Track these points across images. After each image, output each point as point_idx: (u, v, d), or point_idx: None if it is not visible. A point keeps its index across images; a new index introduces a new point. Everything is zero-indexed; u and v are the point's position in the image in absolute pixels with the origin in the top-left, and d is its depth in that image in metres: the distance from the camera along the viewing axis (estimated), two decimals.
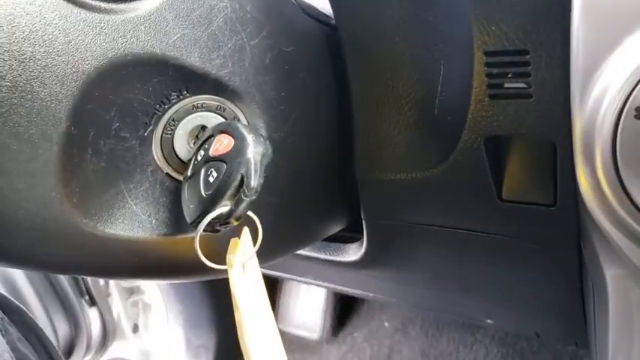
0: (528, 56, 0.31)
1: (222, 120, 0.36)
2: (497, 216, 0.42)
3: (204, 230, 0.31)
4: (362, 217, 0.50)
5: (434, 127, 0.39)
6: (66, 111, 0.29)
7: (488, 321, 0.69)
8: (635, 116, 0.26)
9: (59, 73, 0.28)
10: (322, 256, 0.58)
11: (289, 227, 0.43)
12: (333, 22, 0.42)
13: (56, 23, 0.28)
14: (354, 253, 0.55)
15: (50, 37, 0.27)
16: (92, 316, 1.07)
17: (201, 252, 0.32)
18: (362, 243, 0.53)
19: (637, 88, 0.26)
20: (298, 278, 0.76)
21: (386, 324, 1.20)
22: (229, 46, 0.34)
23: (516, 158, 0.39)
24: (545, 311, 0.55)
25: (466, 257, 0.50)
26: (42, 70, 0.28)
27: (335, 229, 0.52)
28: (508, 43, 0.32)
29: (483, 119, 0.35)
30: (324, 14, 0.44)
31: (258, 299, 0.30)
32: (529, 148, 0.38)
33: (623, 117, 0.26)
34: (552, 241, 0.41)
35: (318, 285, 0.83)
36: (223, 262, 0.33)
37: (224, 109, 0.36)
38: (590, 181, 0.29)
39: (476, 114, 0.35)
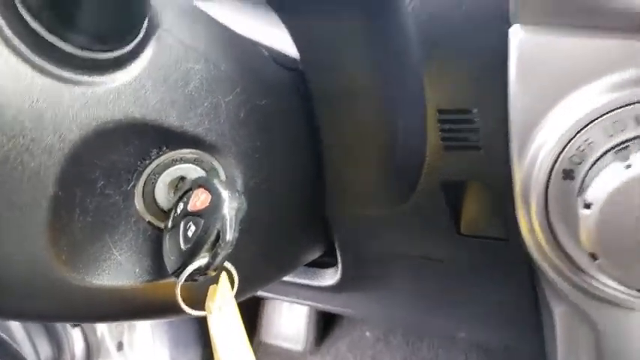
0: (475, 114, 0.35)
1: (200, 170, 0.39)
2: (458, 248, 0.46)
3: (185, 280, 0.34)
4: (336, 246, 0.53)
5: (397, 172, 0.43)
6: (54, 178, 0.31)
7: (461, 335, 0.73)
8: (563, 177, 0.29)
9: (47, 144, 0.31)
10: (300, 280, 0.61)
11: (266, 266, 0.46)
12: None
13: (43, 99, 0.30)
14: (330, 277, 0.58)
15: (38, 113, 0.30)
16: (75, 336, 1.07)
17: (182, 296, 0.35)
18: (337, 269, 0.56)
19: (563, 152, 0.29)
20: (280, 297, 0.79)
21: (367, 334, 1.23)
22: (205, 105, 0.37)
23: (472, 198, 0.43)
24: (510, 329, 0.59)
25: (434, 281, 0.54)
26: (30, 144, 0.30)
27: (312, 257, 0.55)
28: (457, 103, 0.35)
29: (439, 167, 0.39)
30: (293, 59, 0.47)
31: (237, 343, 0.33)
32: (482, 189, 0.41)
33: (552, 176, 0.30)
34: (509, 271, 0.45)
35: (299, 304, 0.85)
36: (203, 305, 0.36)
37: (202, 161, 0.39)
38: (527, 226, 0.33)
39: (432, 163, 0.39)
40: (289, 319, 1.27)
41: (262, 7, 0.46)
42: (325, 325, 1.25)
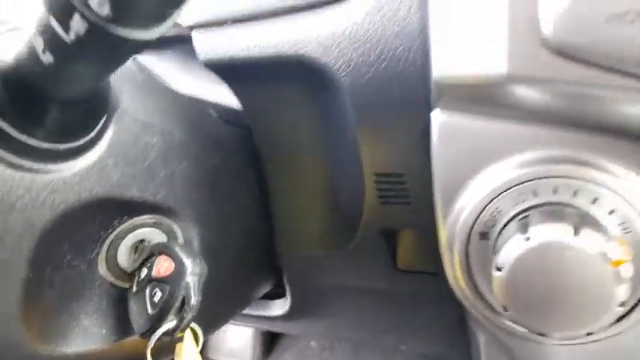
0: (406, 177, 0.40)
1: (160, 232, 0.42)
2: (396, 280, 0.51)
3: None
4: (285, 281, 0.57)
5: (339, 220, 0.47)
6: (25, 261, 0.33)
7: (403, 347, 0.79)
8: (480, 238, 0.35)
9: (18, 232, 0.33)
10: (251, 312, 0.65)
11: (224, 312, 0.50)
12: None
13: (14, 191, 0.32)
14: (279, 308, 0.63)
15: (9, 204, 0.32)
16: None
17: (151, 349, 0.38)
18: (287, 299, 0.60)
19: (480, 217, 0.35)
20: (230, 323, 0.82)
21: (313, 344, 1.28)
22: (162, 175, 0.40)
23: (406, 240, 0.48)
24: (447, 343, 0.66)
25: (376, 307, 0.59)
26: (2, 233, 0.32)
27: (264, 292, 0.59)
28: (390, 168, 0.40)
29: (376, 218, 0.44)
30: (240, 113, 0.51)
31: None
32: (415, 234, 0.47)
33: (472, 236, 0.35)
34: (442, 298, 0.51)
35: (247, 326, 0.88)
36: (166, 354, 0.40)
37: (161, 224, 0.42)
38: (452, 273, 0.38)
39: (369, 215, 0.44)
40: (235, 334, 1.30)
41: None
42: (271, 337, 1.29)
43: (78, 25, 0.22)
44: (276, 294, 0.64)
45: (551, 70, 0.28)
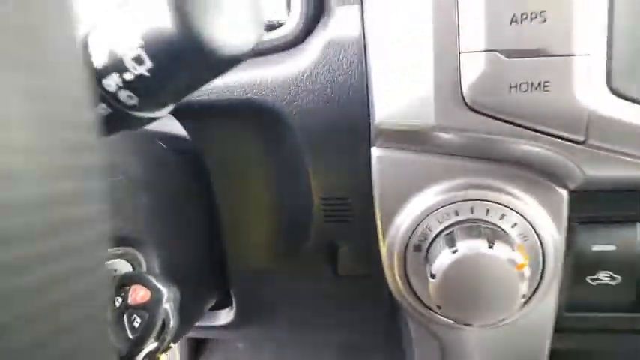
0: (349, 201, 0.47)
1: (124, 262, 0.45)
2: (336, 285, 0.58)
3: None
4: (231, 292, 0.62)
5: (286, 237, 0.53)
6: None
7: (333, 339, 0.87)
8: (414, 249, 0.43)
9: None
10: (197, 323, 0.69)
11: (182, 329, 0.53)
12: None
13: None
14: (224, 318, 0.67)
15: None
16: None
17: None
18: (232, 309, 0.65)
19: (414, 233, 0.42)
20: None
21: (239, 345, 1.32)
22: (127, 210, 0.43)
23: (346, 250, 0.55)
24: (383, 335, 0.74)
25: (319, 308, 0.66)
26: None
27: (213, 303, 0.63)
28: (335, 193, 0.47)
29: (322, 235, 0.50)
30: (183, 139, 0.55)
31: None
32: (355, 246, 0.54)
33: (408, 248, 0.43)
34: (374, 296, 0.59)
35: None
36: None
37: (127, 254, 0.45)
38: (392, 279, 0.46)
39: (316, 232, 0.50)
40: None
41: None
42: (197, 342, 1.31)
43: (102, 110, 0.25)
44: (218, 303, 0.68)
45: (468, 123, 0.36)
